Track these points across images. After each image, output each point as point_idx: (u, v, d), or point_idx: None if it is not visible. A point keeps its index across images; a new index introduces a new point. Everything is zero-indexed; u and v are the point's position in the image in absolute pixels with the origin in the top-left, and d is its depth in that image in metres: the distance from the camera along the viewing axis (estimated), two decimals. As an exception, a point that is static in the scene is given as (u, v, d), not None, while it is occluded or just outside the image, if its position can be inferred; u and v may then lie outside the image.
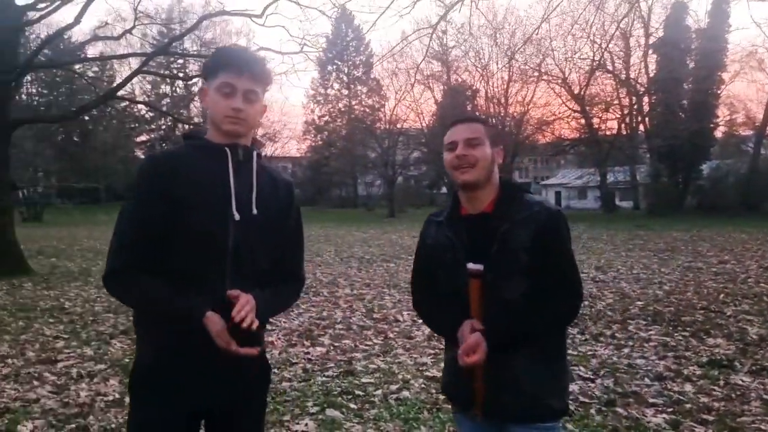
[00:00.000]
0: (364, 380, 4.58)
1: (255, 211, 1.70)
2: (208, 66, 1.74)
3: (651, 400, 4.04)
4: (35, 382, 4.58)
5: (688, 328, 6.17)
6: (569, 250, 1.86)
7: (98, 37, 14.53)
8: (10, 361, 5.21)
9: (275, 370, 4.85)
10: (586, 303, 7.70)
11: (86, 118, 43.60)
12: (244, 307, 1.57)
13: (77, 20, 10.49)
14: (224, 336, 1.58)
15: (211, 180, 1.67)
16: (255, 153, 1.77)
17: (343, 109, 54.94)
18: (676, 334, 5.94)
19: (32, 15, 11.35)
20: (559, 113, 40.03)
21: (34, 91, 49.25)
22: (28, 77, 46.38)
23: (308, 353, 5.45)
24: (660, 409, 3.89)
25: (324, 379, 4.63)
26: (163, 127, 49.67)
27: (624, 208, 38.41)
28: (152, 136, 51.89)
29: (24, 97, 46.99)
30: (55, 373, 4.83)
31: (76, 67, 16.57)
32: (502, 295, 1.80)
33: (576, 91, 37.93)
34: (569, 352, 5.30)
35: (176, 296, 1.60)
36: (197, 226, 1.63)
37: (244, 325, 1.56)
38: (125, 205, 1.69)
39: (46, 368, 4.97)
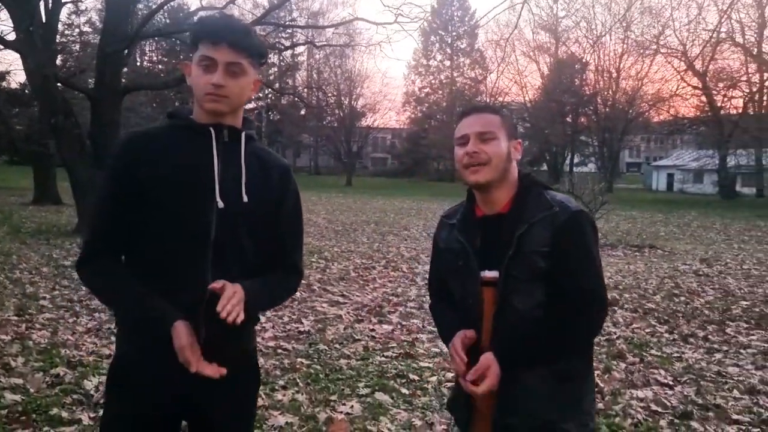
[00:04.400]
0: (422, 364, 4.46)
1: (245, 199, 1.56)
2: (189, 38, 1.60)
3: (735, 417, 3.61)
4: (113, 338, 4.85)
5: (797, 337, 5.50)
6: (593, 256, 1.62)
7: (203, 8, 15.07)
8: (97, 315, 5.57)
9: (336, 346, 4.85)
10: (682, 299, 7.10)
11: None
12: (230, 299, 1.44)
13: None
14: (186, 353, 1.45)
15: (193, 163, 1.54)
16: (244, 134, 1.61)
17: (444, 81, 54.14)
18: (781, 342, 5.31)
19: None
20: (677, 89, 37.16)
21: (155, 58, 52.39)
22: (150, 46, 49.63)
23: (373, 330, 5.41)
24: (744, 428, 3.47)
25: (382, 359, 4.55)
26: (270, 96, 51.32)
27: (745, 195, 35.22)
28: (259, 104, 53.77)
29: (146, 64, 50.22)
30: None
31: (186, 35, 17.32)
32: (517, 306, 1.60)
33: (697, 66, 34.93)
34: (652, 352, 4.94)
35: (146, 299, 1.50)
36: (176, 213, 1.51)
37: (229, 320, 1.43)
38: (99, 188, 1.61)
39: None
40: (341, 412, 3.46)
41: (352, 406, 3.54)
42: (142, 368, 1.55)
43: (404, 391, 3.89)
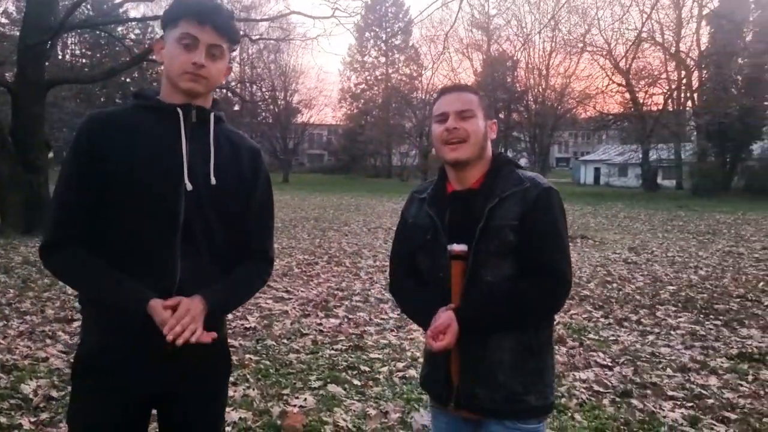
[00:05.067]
0: (372, 356, 4.47)
1: (214, 181, 1.52)
2: (167, 14, 1.54)
3: (670, 393, 3.82)
4: (48, 341, 4.62)
5: (720, 317, 5.87)
6: (561, 232, 1.66)
7: (131, -1, 14.48)
8: (29, 317, 5.28)
9: (284, 341, 4.80)
10: (615, 286, 7.43)
11: (128, 80, 44.12)
12: (180, 319, 1.40)
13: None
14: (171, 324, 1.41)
15: (161, 145, 1.49)
16: (213, 115, 1.57)
17: (379, 77, 54.27)
18: (706, 323, 5.65)
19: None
20: (603, 87, 38.74)
21: (78, 52, 49.94)
22: (73, 39, 47.22)
23: (321, 324, 5.38)
24: (679, 403, 3.68)
25: (332, 352, 4.54)
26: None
27: (666, 188, 37.17)
28: (191, 100, 52.25)
29: (68, 57, 47.80)
30: (68, 332, 4.86)
31: (119, 29, 16.60)
32: (486, 279, 1.62)
33: (621, 64, 36.54)
34: (590, 336, 5.15)
35: (119, 282, 1.45)
36: (143, 197, 1.46)
37: (179, 343, 1.39)
38: (61, 171, 1.52)
39: (61, 327, 5.01)
40: (295, 405, 3.43)
41: (305, 399, 3.51)
42: (114, 355, 1.49)
43: (356, 382, 3.89)
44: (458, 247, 1.64)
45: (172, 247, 1.48)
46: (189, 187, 1.49)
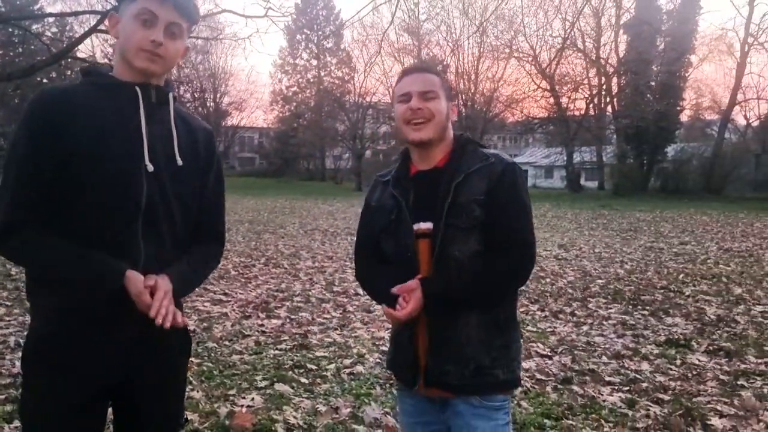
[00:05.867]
0: (318, 354, 4.43)
1: (180, 162, 1.48)
2: None
3: (608, 379, 3.99)
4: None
5: (647, 307, 6.17)
6: (526, 205, 1.71)
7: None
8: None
9: (226, 343, 4.67)
10: (548, 281, 7.68)
11: (44, 80, 41.88)
12: (162, 302, 1.37)
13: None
14: (144, 298, 1.37)
15: (119, 124, 1.43)
16: (171, 94, 1.52)
17: (311, 80, 53.94)
18: (635, 313, 5.93)
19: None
20: (529, 92, 40.08)
21: (-10, 49, 46.92)
22: (-18, 35, 44.32)
23: (263, 326, 5.27)
24: (616, 387, 3.84)
25: (276, 352, 4.45)
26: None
27: (589, 188, 38.83)
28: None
29: (-23, 55, 44.81)
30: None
31: (35, 26, 15.69)
32: (454, 254, 1.64)
33: (546, 70, 37.94)
34: (529, 328, 5.29)
35: (88, 256, 1.39)
36: (103, 178, 1.40)
37: (167, 325, 1.36)
38: (13, 149, 1.42)
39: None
40: (242, 406, 3.34)
41: (252, 399, 3.43)
42: (71, 339, 1.42)
43: (303, 380, 3.84)
44: (424, 225, 1.65)
45: (134, 229, 1.43)
46: (150, 168, 1.43)
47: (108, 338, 1.42)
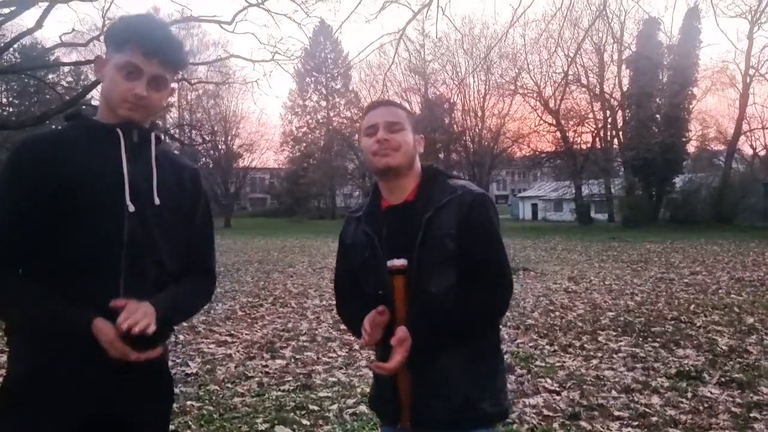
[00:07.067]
0: (321, 394, 4.37)
1: (157, 201, 1.49)
2: (113, 35, 1.50)
3: (617, 413, 3.90)
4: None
5: (658, 339, 6.06)
6: (498, 235, 1.69)
7: (63, 44, 14.17)
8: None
9: (228, 385, 4.62)
10: (557, 314, 7.59)
11: (59, 127, 42.75)
12: (133, 313, 1.35)
13: (38, 25, 10.21)
14: (117, 344, 1.36)
15: (101, 166, 1.45)
16: (153, 135, 1.54)
17: (321, 121, 54.70)
18: (645, 345, 5.83)
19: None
20: (535, 126, 40.39)
21: (5, 100, 48.14)
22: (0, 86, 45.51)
23: (267, 366, 5.22)
24: (625, 422, 3.75)
25: (279, 393, 4.40)
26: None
27: (599, 221, 38.67)
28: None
29: (-7, 105, 45.97)
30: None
31: (50, 76, 16.10)
32: (430, 290, 1.62)
33: (551, 105, 38.28)
34: (537, 363, 5.20)
35: (59, 305, 1.39)
36: (84, 219, 1.41)
37: (135, 330, 1.33)
38: None
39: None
40: (242, 449, 3.29)
41: (252, 442, 3.38)
42: (47, 384, 1.40)
43: (305, 422, 3.78)
44: (398, 262, 1.63)
45: (116, 268, 1.43)
46: (131, 208, 1.45)
47: (84, 377, 1.40)
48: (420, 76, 45.89)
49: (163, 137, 1.60)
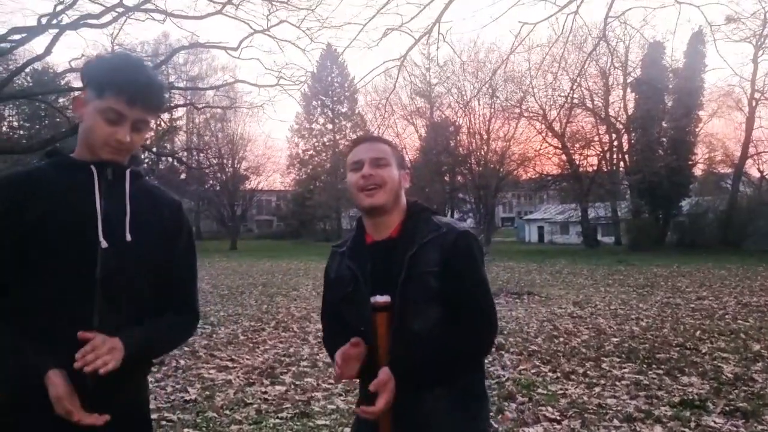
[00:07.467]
0: (319, 422, 4.33)
1: (129, 237, 1.48)
2: (94, 78, 1.48)
3: (618, 444, 3.84)
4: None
5: (662, 366, 6.00)
6: (482, 274, 1.69)
7: (73, 69, 14.40)
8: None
9: (227, 412, 4.60)
10: (561, 340, 7.52)
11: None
12: (98, 348, 1.34)
13: (47, 51, 10.40)
14: (63, 402, 1.33)
15: (74, 202, 1.45)
16: (129, 171, 1.54)
17: (327, 143, 55.06)
18: (650, 372, 5.76)
19: (5, 46, 11.24)
20: (541, 149, 40.46)
21: (16, 124, 48.76)
22: (10, 110, 46.18)
23: (266, 393, 5.19)
24: (626, 453, 3.69)
25: (277, 421, 4.37)
26: (148, 161, 49.32)
27: (606, 244, 38.49)
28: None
29: (5, 129, 46.57)
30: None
31: (60, 100, 16.35)
32: (413, 328, 1.61)
33: (556, 128, 38.39)
34: (539, 391, 5.15)
35: (18, 348, 1.38)
36: (58, 255, 1.42)
37: (88, 369, 1.32)
38: None
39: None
40: (236, 479, 3.26)
41: (247, 472, 3.35)
42: (18, 420, 1.39)
43: (302, 450, 3.74)
44: (381, 299, 1.62)
45: (89, 305, 1.43)
46: (104, 244, 1.44)
47: (55, 422, 1.36)
48: (425, 99, 46.23)
49: (142, 172, 1.60)
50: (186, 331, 1.68)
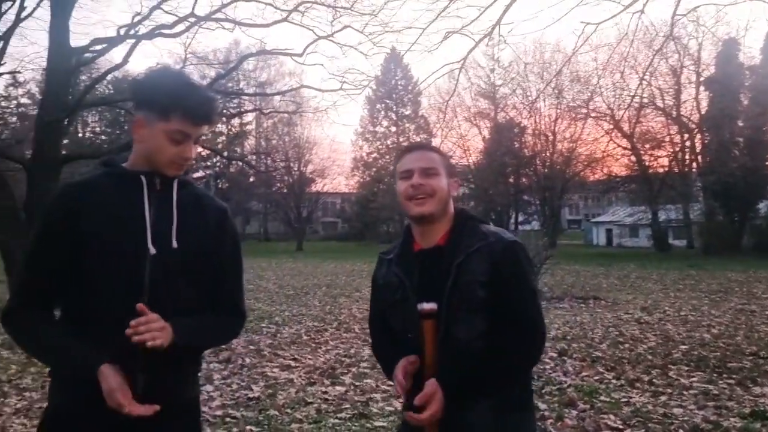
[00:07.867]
0: (377, 424, 4.41)
1: (175, 244, 1.56)
2: (154, 101, 1.54)
3: (682, 455, 3.73)
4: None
5: (733, 376, 5.74)
6: (531, 284, 1.70)
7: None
8: (27, 394, 5.26)
9: (288, 411, 4.75)
10: (627, 346, 7.32)
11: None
12: (151, 323, 1.43)
13: (125, 60, 10.98)
14: (116, 395, 1.42)
15: (126, 211, 1.55)
16: (176, 181, 1.63)
17: (391, 146, 55.30)
18: (720, 382, 5.53)
19: (88, 56, 11.94)
20: (609, 150, 39.20)
21: (98, 129, 51.60)
22: (93, 117, 48.99)
23: (326, 393, 5.32)
24: (690, 465, 3.58)
25: (336, 421, 4.48)
26: (218, 165, 51.11)
27: (678, 247, 36.86)
28: (208, 173, 53.29)
29: (88, 134, 49.41)
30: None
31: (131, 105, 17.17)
32: (458, 336, 1.64)
33: (625, 128, 37.11)
34: (602, 398, 5.05)
35: (73, 346, 1.49)
36: (109, 262, 1.51)
37: (135, 339, 1.41)
38: (33, 237, 1.59)
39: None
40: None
41: (306, 468, 3.47)
42: (76, 421, 1.50)
43: (360, 450, 3.84)
44: (428, 306, 1.64)
45: (136, 310, 1.49)
46: (152, 251, 1.53)
47: (110, 417, 1.44)
48: (489, 100, 45.75)
49: (189, 180, 1.69)
50: (232, 329, 1.76)
